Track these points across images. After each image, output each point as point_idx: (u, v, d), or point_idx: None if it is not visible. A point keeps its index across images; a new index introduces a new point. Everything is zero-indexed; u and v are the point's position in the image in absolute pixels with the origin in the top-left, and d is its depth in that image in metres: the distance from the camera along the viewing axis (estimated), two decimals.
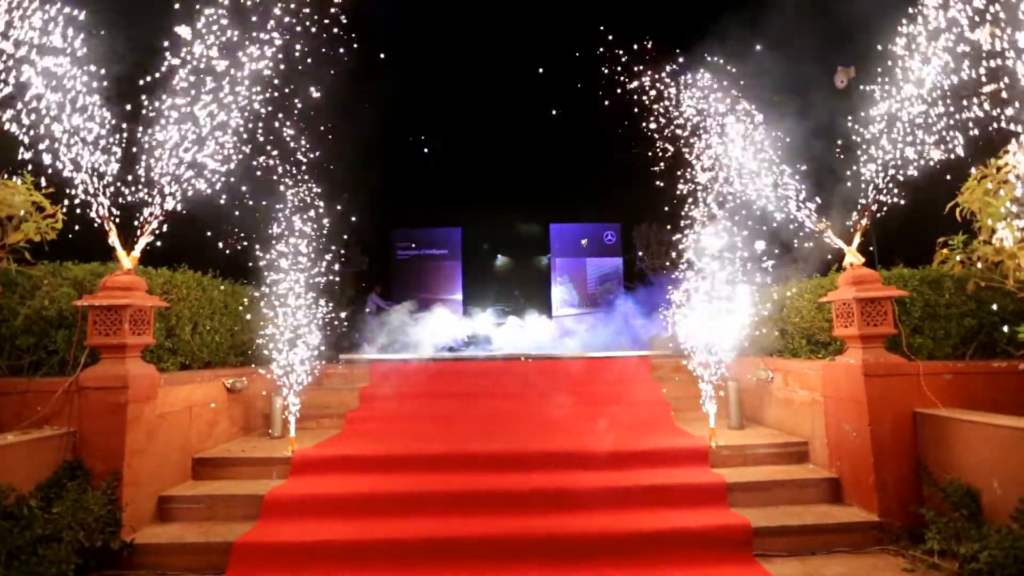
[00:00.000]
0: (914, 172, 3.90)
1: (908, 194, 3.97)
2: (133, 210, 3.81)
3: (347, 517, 3.65)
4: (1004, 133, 3.46)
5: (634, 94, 5.23)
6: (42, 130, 3.47)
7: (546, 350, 8.58)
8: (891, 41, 3.90)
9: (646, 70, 5.18)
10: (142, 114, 3.86)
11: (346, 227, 7.17)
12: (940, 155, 3.73)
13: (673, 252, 5.20)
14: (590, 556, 3.31)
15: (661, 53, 5.20)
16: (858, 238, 4.05)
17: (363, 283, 10.87)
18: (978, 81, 3.52)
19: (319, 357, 5.00)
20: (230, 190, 4.31)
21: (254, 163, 4.57)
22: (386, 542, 3.37)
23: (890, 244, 5.70)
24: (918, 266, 4.32)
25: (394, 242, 12.59)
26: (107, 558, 3.23)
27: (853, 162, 4.18)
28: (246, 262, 4.93)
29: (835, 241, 4.14)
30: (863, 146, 4.11)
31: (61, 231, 3.74)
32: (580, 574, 3.20)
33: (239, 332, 5.24)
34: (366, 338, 8.90)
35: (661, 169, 5.20)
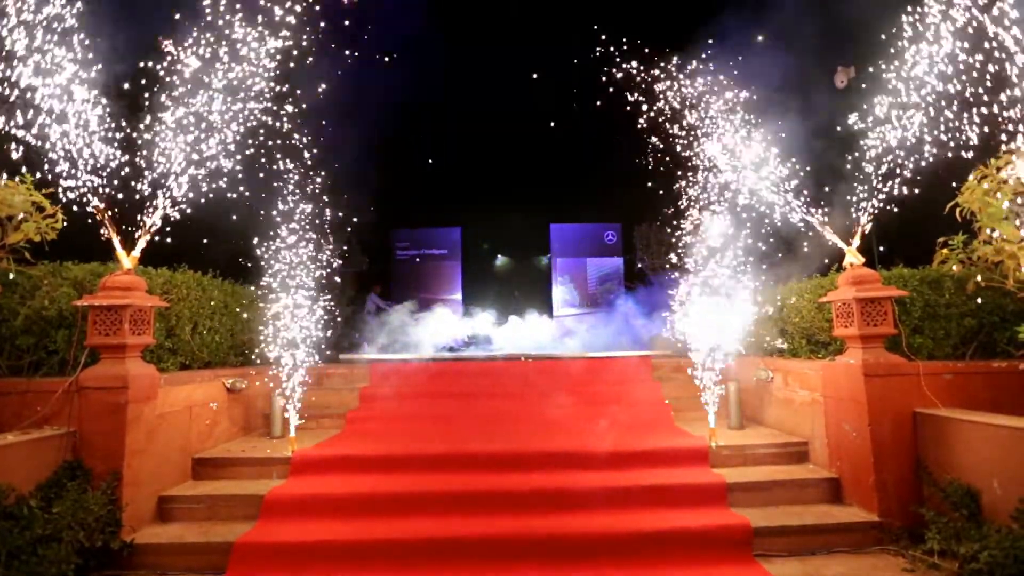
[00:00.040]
0: (913, 173, 3.90)
1: (908, 194, 3.97)
2: (133, 210, 3.81)
3: (347, 517, 3.65)
4: (1003, 133, 3.46)
5: (634, 94, 5.23)
6: (41, 129, 3.47)
7: (546, 350, 8.59)
8: (892, 40, 3.90)
9: (645, 70, 5.18)
10: (142, 113, 3.86)
11: (346, 227, 7.16)
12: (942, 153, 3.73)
13: (673, 254, 5.20)
14: (590, 556, 3.31)
15: (660, 53, 5.20)
16: (858, 238, 4.05)
17: (362, 283, 10.86)
18: (980, 80, 3.52)
19: (319, 357, 4.99)
20: (230, 190, 4.31)
21: (255, 164, 4.57)
22: (386, 542, 3.37)
23: (890, 244, 5.70)
24: (918, 266, 4.32)
25: (394, 242, 12.58)
26: (107, 558, 3.23)
27: (853, 162, 4.17)
28: (246, 262, 4.93)
29: (835, 241, 4.13)
30: (863, 146, 4.11)
31: (61, 231, 3.74)
32: (580, 574, 3.20)
33: (239, 332, 5.24)
34: (366, 338, 8.90)
35: (661, 170, 5.20)
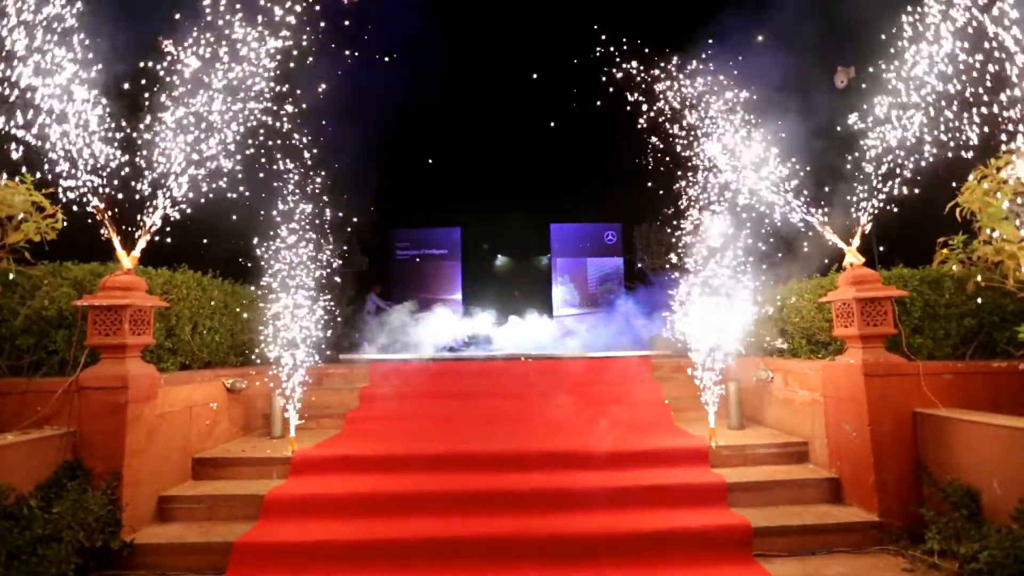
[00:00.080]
0: (913, 173, 3.90)
1: (908, 194, 3.97)
2: (133, 210, 3.81)
3: (347, 517, 3.65)
4: (1004, 133, 3.46)
5: (634, 94, 5.23)
6: (41, 129, 3.47)
7: (547, 350, 8.58)
8: (892, 40, 3.90)
9: (645, 70, 5.18)
10: (142, 113, 3.86)
11: (346, 227, 7.16)
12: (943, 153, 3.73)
13: (672, 254, 5.21)
14: (590, 556, 3.31)
15: (661, 53, 5.20)
16: (858, 238, 4.05)
17: (362, 283, 10.86)
18: (980, 80, 3.52)
19: (319, 357, 4.99)
20: (230, 190, 4.31)
21: (255, 164, 4.57)
22: (386, 542, 3.37)
23: (890, 244, 5.70)
24: (918, 266, 4.32)
25: (394, 242, 12.58)
26: (107, 558, 3.23)
27: (853, 162, 4.17)
28: (246, 262, 4.93)
29: (835, 241, 4.13)
30: (863, 146, 4.10)
31: (61, 231, 3.74)
32: (580, 574, 3.19)
33: (239, 332, 5.24)
34: (366, 338, 8.90)
35: (661, 169, 5.20)
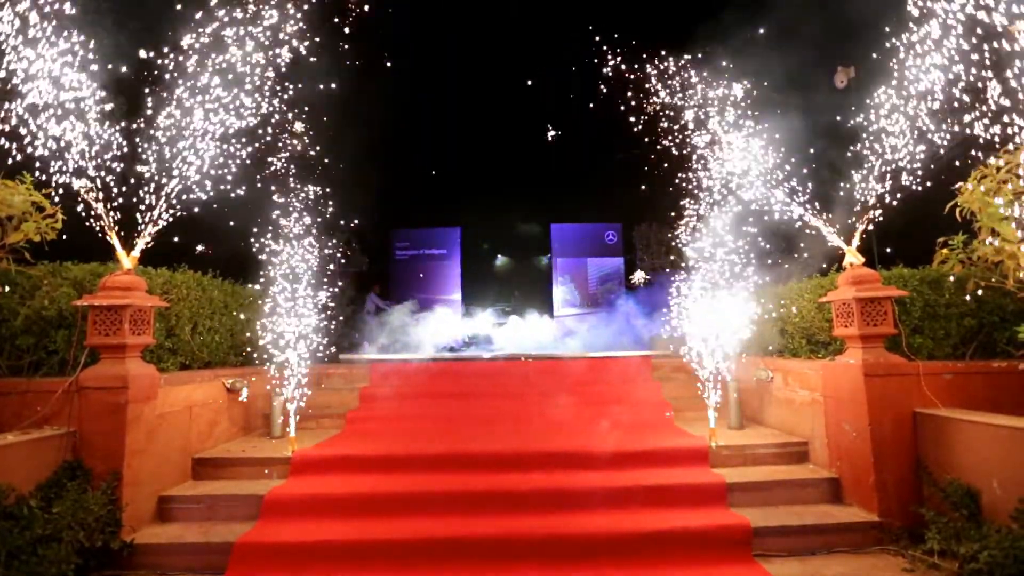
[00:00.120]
0: (913, 173, 3.90)
1: (908, 194, 3.96)
2: (133, 210, 3.81)
3: (347, 517, 3.65)
4: (1004, 133, 3.46)
5: (633, 93, 5.23)
6: (41, 129, 3.47)
7: (547, 350, 8.59)
8: (892, 39, 3.90)
9: (645, 69, 5.18)
10: (142, 113, 3.86)
11: (346, 227, 7.17)
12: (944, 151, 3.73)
13: (672, 255, 5.21)
14: (590, 556, 3.31)
15: (660, 53, 5.20)
16: (858, 238, 4.05)
17: (362, 283, 10.86)
18: (980, 80, 3.51)
19: (319, 357, 4.99)
20: (230, 190, 4.31)
21: (255, 164, 4.57)
22: (386, 542, 3.37)
23: (890, 244, 5.70)
24: (918, 266, 4.32)
25: (393, 242, 12.58)
26: (107, 558, 3.23)
27: (853, 162, 4.17)
28: (246, 262, 4.93)
29: (835, 241, 4.13)
30: (863, 146, 4.10)
31: (61, 231, 3.74)
32: (580, 574, 3.19)
33: (239, 332, 5.24)
34: (366, 338, 8.90)
35: (660, 171, 5.20)
